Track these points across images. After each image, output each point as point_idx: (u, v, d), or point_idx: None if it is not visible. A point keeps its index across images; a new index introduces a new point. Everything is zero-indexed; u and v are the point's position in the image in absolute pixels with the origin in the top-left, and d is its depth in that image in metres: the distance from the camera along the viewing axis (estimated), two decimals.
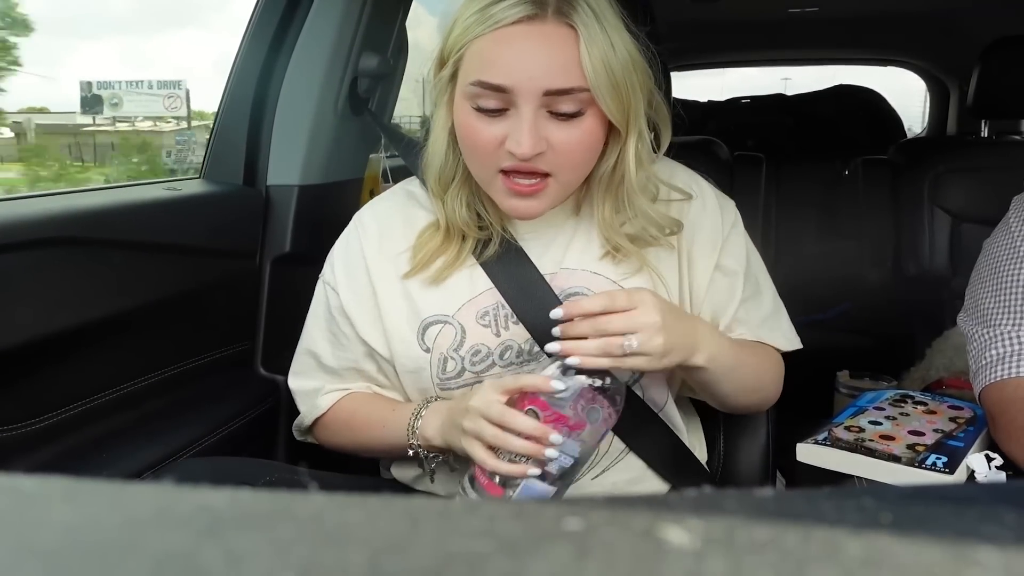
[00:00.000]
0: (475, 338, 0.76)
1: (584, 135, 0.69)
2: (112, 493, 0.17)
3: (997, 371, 0.80)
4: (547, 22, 0.66)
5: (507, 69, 0.65)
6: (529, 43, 0.66)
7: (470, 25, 0.67)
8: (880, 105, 2.65)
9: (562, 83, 0.66)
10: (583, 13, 0.66)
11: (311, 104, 1.14)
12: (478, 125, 0.68)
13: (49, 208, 0.83)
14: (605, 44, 0.66)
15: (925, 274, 1.66)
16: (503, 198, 0.71)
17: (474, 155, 0.70)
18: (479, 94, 0.67)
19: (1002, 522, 0.15)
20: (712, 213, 0.81)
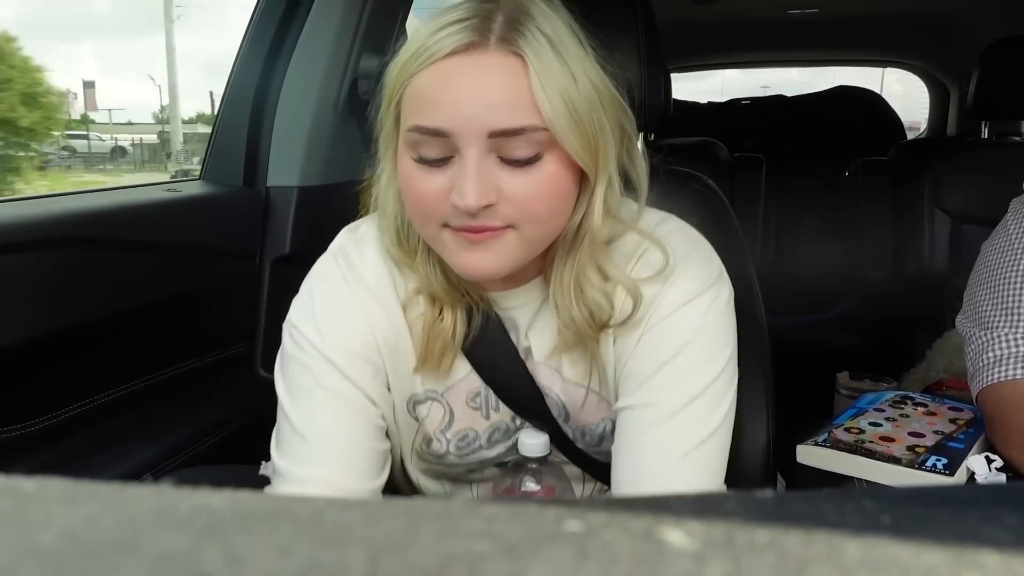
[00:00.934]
0: (464, 421, 0.70)
1: (544, 182, 0.57)
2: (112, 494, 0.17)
3: (994, 373, 0.81)
4: (489, 51, 0.55)
5: (444, 109, 0.55)
6: (468, 76, 0.55)
7: (406, 61, 0.57)
8: (880, 106, 2.65)
9: (509, 121, 0.55)
10: (533, 39, 0.55)
11: (311, 105, 1.14)
12: (419, 176, 0.58)
13: (50, 209, 0.83)
14: (562, 74, 0.55)
15: (925, 275, 1.66)
16: (453, 253, 0.59)
17: (416, 210, 0.60)
18: (418, 141, 0.57)
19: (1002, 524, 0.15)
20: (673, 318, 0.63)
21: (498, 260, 0.59)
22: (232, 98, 1.15)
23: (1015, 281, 0.82)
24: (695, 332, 0.63)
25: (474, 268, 0.59)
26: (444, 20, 0.57)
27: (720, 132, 2.18)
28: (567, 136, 0.56)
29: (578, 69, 0.57)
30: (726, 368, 0.65)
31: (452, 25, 0.56)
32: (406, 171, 0.59)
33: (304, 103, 1.14)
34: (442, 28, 0.56)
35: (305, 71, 1.14)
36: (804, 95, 2.74)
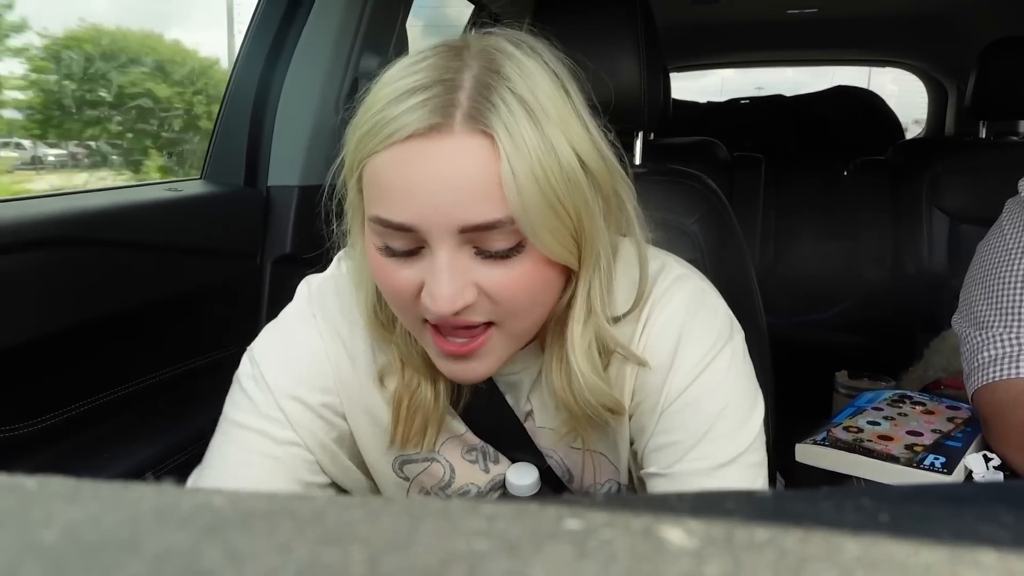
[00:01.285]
0: (464, 477, 0.65)
1: (526, 275, 0.50)
2: (113, 493, 0.17)
3: (989, 373, 0.81)
4: (454, 132, 0.46)
5: (407, 201, 0.47)
6: (431, 164, 0.47)
7: (364, 134, 0.49)
8: (879, 106, 2.65)
9: (481, 215, 0.47)
10: (505, 111, 0.47)
11: (312, 105, 1.14)
12: (388, 267, 0.51)
13: (50, 209, 0.83)
14: (540, 151, 0.47)
15: (924, 274, 1.67)
16: (436, 357, 0.55)
17: (392, 303, 0.54)
18: (383, 233, 0.50)
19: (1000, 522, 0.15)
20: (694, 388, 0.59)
21: (484, 366, 0.54)
22: (233, 97, 1.15)
23: (1010, 281, 0.82)
24: (724, 397, 0.58)
25: (460, 376, 0.55)
26: (404, 86, 0.48)
27: (719, 132, 2.18)
28: (541, 231, 0.48)
29: (560, 139, 0.48)
30: (759, 420, 0.61)
31: (413, 96, 0.47)
32: (374, 260, 0.52)
33: (305, 103, 1.14)
34: (402, 100, 0.47)
35: (306, 71, 1.14)
36: (803, 95, 2.74)
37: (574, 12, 1.00)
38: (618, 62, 0.97)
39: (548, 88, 0.49)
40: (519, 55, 0.50)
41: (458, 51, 0.50)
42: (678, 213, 0.95)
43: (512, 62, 0.49)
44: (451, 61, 0.49)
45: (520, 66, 0.49)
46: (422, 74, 0.48)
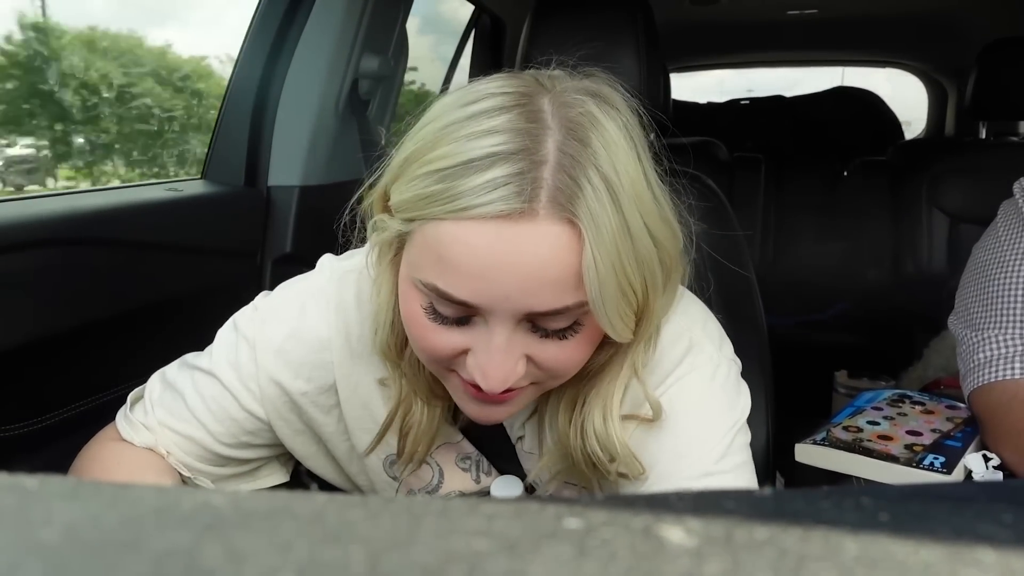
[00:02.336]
0: (454, 483, 0.65)
1: (579, 348, 0.50)
2: (113, 492, 0.17)
3: (984, 374, 0.81)
4: (539, 219, 0.43)
5: (475, 284, 0.45)
6: (510, 252, 0.44)
7: (428, 195, 0.45)
8: (878, 106, 2.65)
9: (552, 304, 0.46)
10: (591, 195, 0.44)
11: (312, 105, 1.14)
12: (430, 328, 0.48)
13: (50, 209, 0.83)
14: (620, 235, 0.45)
15: (923, 274, 1.67)
16: (462, 401, 0.53)
17: (422, 354, 0.52)
18: (433, 298, 0.47)
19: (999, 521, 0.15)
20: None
21: (511, 410, 0.53)
22: (233, 97, 1.15)
23: (1004, 283, 0.82)
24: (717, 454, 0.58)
25: (483, 419, 0.54)
26: (482, 150, 0.44)
27: (719, 132, 2.18)
28: (612, 316, 0.47)
29: (636, 219, 0.46)
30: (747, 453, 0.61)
31: (494, 168, 0.43)
32: (413, 315, 0.49)
33: (305, 102, 1.14)
34: (481, 169, 0.43)
35: (306, 71, 1.14)
36: (803, 95, 2.74)
37: (574, 12, 1.00)
38: (618, 62, 0.97)
39: (627, 160, 0.46)
40: (602, 119, 0.47)
41: (535, 105, 0.46)
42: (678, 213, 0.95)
43: (597, 131, 0.46)
44: (530, 122, 0.45)
45: (604, 135, 0.46)
46: (500, 137, 0.44)
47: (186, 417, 0.63)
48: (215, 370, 0.63)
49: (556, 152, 0.44)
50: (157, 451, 0.64)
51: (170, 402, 0.64)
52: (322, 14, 1.13)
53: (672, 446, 0.57)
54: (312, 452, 0.66)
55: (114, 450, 0.65)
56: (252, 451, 0.66)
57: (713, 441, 0.58)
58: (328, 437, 0.64)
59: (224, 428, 0.63)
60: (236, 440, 0.64)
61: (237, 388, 0.62)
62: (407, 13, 1.29)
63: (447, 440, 0.64)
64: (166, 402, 0.65)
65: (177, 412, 0.64)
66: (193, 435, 0.64)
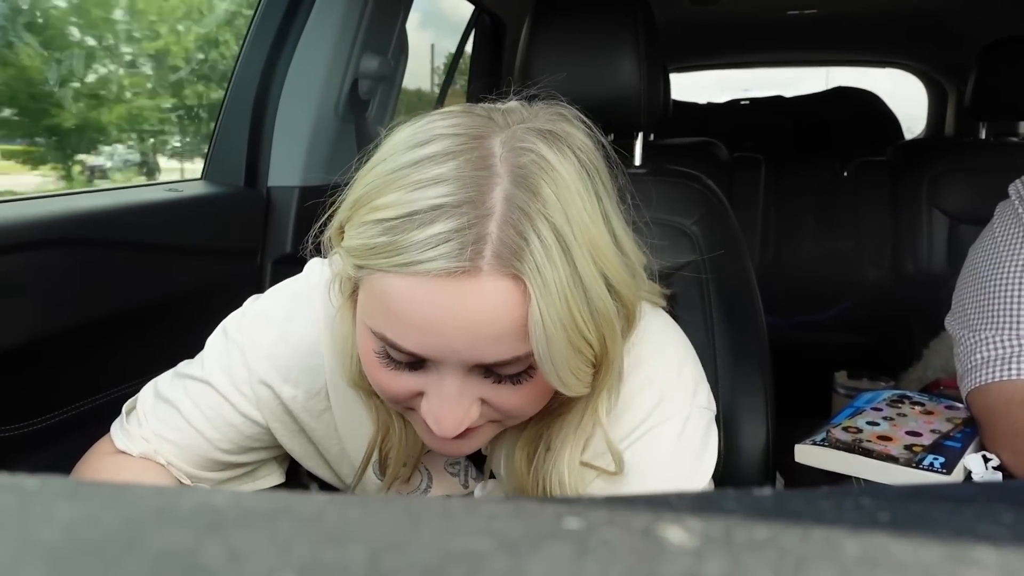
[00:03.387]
0: (442, 488, 0.65)
1: (533, 391, 0.49)
2: (113, 492, 0.17)
3: (982, 375, 0.81)
4: (482, 276, 0.43)
5: (422, 337, 0.45)
6: (454, 308, 0.43)
7: (373, 246, 0.44)
8: (878, 107, 2.65)
9: (501, 355, 0.45)
10: (539, 249, 0.42)
11: (312, 105, 1.14)
12: (384, 370, 0.48)
13: (50, 209, 0.83)
14: (570, 288, 0.43)
15: (923, 275, 1.67)
16: (424, 436, 0.53)
17: (382, 396, 0.52)
18: (385, 343, 0.47)
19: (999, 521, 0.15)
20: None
21: (472, 445, 0.53)
22: (233, 98, 1.15)
23: (1000, 284, 0.82)
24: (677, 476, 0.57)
25: (447, 452, 0.55)
26: (426, 201, 0.42)
27: (719, 132, 2.18)
28: (562, 371, 0.46)
29: (590, 270, 0.44)
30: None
31: (438, 222, 0.42)
32: (368, 356, 0.49)
33: (305, 103, 1.14)
34: (424, 223, 0.42)
35: (306, 71, 1.14)
36: (803, 96, 2.74)
37: (574, 12, 1.00)
38: (617, 62, 0.97)
39: (581, 208, 0.44)
40: (556, 163, 0.44)
41: (484, 149, 0.44)
42: (678, 214, 0.95)
43: (549, 177, 0.44)
44: (477, 169, 0.43)
45: (556, 182, 0.44)
46: (447, 187, 0.43)
47: (182, 427, 0.63)
48: (208, 377, 0.63)
49: (503, 203, 0.43)
50: (155, 460, 0.64)
51: (164, 413, 0.64)
52: (322, 14, 1.13)
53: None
54: (309, 453, 0.66)
55: (111, 463, 0.65)
56: (252, 454, 0.67)
57: None
58: (319, 440, 0.64)
59: (222, 435, 0.63)
60: (236, 445, 0.64)
61: (232, 394, 0.62)
62: (407, 13, 1.29)
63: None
64: (160, 413, 0.64)
65: (173, 423, 0.63)
66: (191, 444, 0.63)
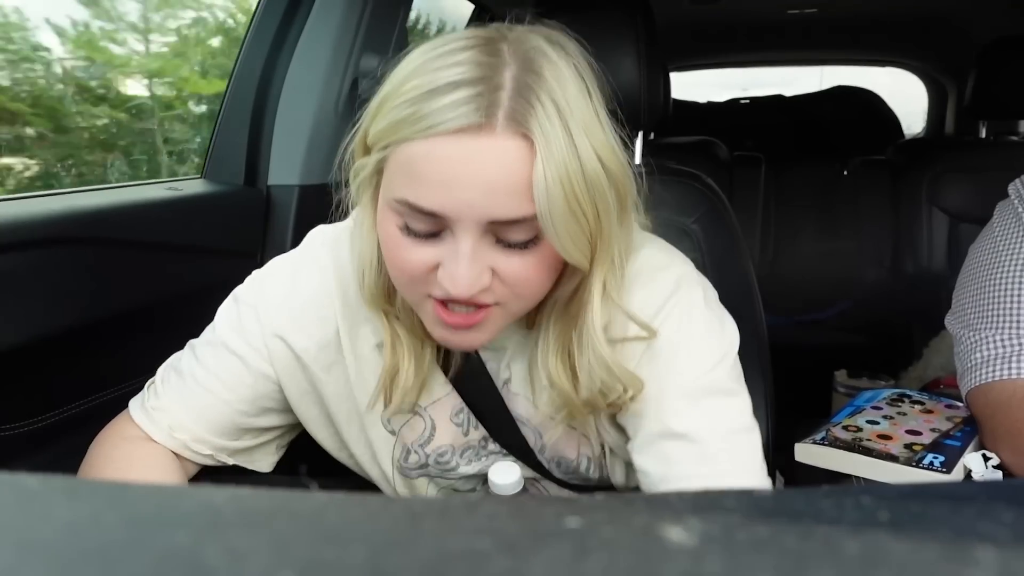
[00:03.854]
0: (444, 437, 0.68)
1: (539, 264, 0.54)
2: (114, 491, 0.17)
3: (982, 374, 0.81)
4: (496, 133, 0.49)
5: (441, 193, 0.50)
6: (471, 162, 0.49)
7: (399, 120, 0.50)
8: (878, 106, 2.65)
9: (511, 213, 0.50)
10: (543, 114, 0.49)
11: (312, 104, 1.14)
12: (404, 244, 0.53)
13: (50, 208, 0.83)
14: (568, 156, 0.50)
15: (923, 274, 1.67)
16: (434, 327, 0.57)
17: (400, 278, 0.56)
18: (406, 214, 0.52)
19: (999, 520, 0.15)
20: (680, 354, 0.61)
21: (481, 337, 0.57)
22: (233, 96, 1.15)
23: (1000, 283, 0.82)
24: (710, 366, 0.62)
25: (456, 344, 0.59)
26: (445, 78, 0.49)
27: (719, 131, 2.18)
28: (562, 235, 0.51)
29: (585, 144, 0.50)
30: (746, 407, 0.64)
31: (456, 91, 0.48)
32: (389, 235, 0.54)
33: (305, 102, 1.14)
34: (444, 92, 0.48)
35: (306, 70, 1.14)
36: (803, 95, 2.74)
37: (574, 11, 1.00)
38: (618, 62, 0.97)
39: (576, 92, 0.51)
40: (554, 56, 0.52)
41: (495, 45, 0.51)
42: (678, 213, 0.95)
43: (549, 64, 0.51)
44: (490, 56, 0.50)
45: (555, 69, 0.51)
46: (462, 68, 0.49)
47: (198, 393, 0.66)
48: (221, 339, 0.66)
49: (512, 80, 0.50)
50: (171, 444, 0.67)
51: (180, 382, 0.67)
52: (322, 13, 1.13)
53: (666, 365, 0.61)
54: (315, 415, 0.68)
55: (125, 449, 0.67)
56: (267, 417, 0.69)
57: (707, 357, 0.62)
58: (329, 398, 0.67)
59: (238, 395, 0.66)
60: (252, 406, 0.67)
61: (245, 351, 0.65)
62: (407, 12, 1.29)
63: (439, 395, 0.67)
64: (176, 383, 0.67)
65: (189, 390, 0.66)
66: (209, 408, 0.66)
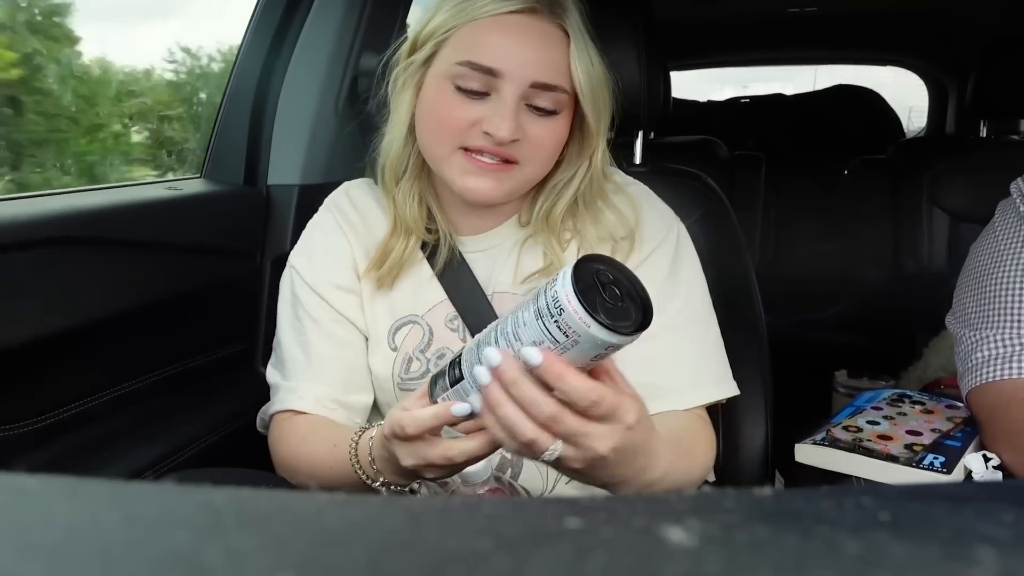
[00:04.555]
0: (442, 341, 0.76)
1: (556, 132, 0.70)
2: (113, 492, 0.17)
3: (983, 374, 0.81)
4: (542, 18, 0.67)
5: (501, 53, 0.66)
6: (525, 33, 0.67)
7: (461, 10, 0.67)
8: (879, 105, 2.65)
9: (550, 78, 0.67)
10: (574, 20, 0.68)
11: (312, 104, 1.14)
12: (455, 102, 0.67)
13: (49, 208, 0.83)
14: (588, 55, 0.69)
15: (924, 274, 1.66)
16: (459, 176, 0.69)
17: (441, 131, 0.69)
18: (464, 74, 0.66)
19: (999, 521, 0.15)
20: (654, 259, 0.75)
21: (498, 188, 0.69)
22: (233, 96, 1.15)
23: (1002, 282, 0.82)
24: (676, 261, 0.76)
25: (476, 192, 0.69)
26: None
27: (720, 131, 2.18)
28: (587, 101, 0.69)
29: (595, 55, 0.70)
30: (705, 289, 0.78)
31: None
32: (441, 98, 0.68)
33: (305, 101, 1.14)
34: None
35: (306, 69, 1.14)
36: (803, 94, 2.74)
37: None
38: (618, 61, 0.97)
39: (590, 32, 0.70)
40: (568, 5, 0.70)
41: None
42: (678, 212, 0.95)
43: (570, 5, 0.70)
44: None
45: (578, 6, 0.70)
46: None
47: (303, 361, 0.76)
48: (291, 309, 0.79)
49: None
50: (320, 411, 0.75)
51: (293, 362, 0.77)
52: (322, 12, 1.13)
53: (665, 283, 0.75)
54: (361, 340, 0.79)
55: (288, 428, 0.75)
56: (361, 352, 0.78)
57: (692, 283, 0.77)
58: (356, 319, 0.78)
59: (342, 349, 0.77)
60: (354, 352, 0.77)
61: (317, 312, 0.77)
62: (407, 10, 1.29)
63: (433, 302, 0.76)
64: (287, 369, 0.78)
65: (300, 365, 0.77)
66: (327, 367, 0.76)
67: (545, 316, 0.48)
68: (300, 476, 0.73)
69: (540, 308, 0.49)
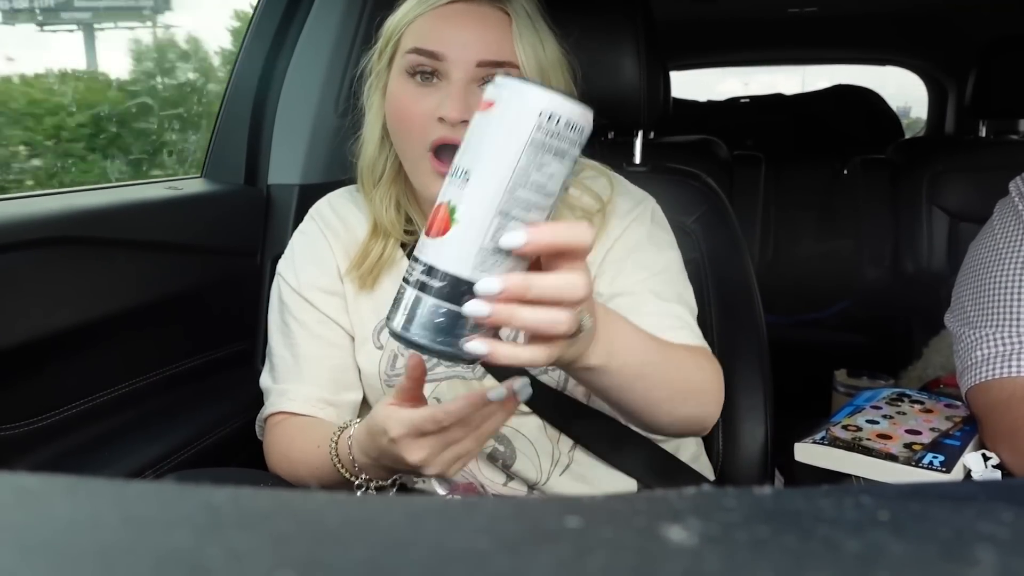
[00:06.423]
0: None
1: None
2: (113, 491, 0.17)
3: (982, 372, 0.81)
4: (483, 4, 0.70)
5: (442, 38, 0.69)
6: (465, 18, 0.70)
7: (410, 8, 0.72)
8: (879, 105, 2.65)
9: (494, 55, 0.69)
10: (516, 4, 0.71)
11: (312, 103, 1.14)
12: (410, 93, 0.70)
13: (50, 207, 0.83)
14: (536, 36, 0.71)
15: (923, 273, 1.66)
16: (430, 181, 0.70)
17: (404, 129, 0.71)
18: (413, 61, 0.69)
19: (999, 520, 0.15)
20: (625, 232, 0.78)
21: None
22: (233, 96, 1.15)
23: (1000, 281, 0.82)
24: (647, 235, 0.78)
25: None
26: None
27: (719, 130, 2.18)
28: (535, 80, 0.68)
29: (546, 37, 0.72)
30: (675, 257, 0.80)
31: None
32: (397, 93, 0.71)
33: (305, 101, 1.14)
34: None
35: (306, 69, 1.14)
36: (803, 94, 2.74)
37: (574, 11, 1.00)
38: (617, 61, 0.97)
39: (541, 18, 0.72)
40: None
41: None
42: (678, 212, 0.95)
43: None
44: None
45: None
46: None
47: (291, 361, 0.79)
48: (279, 315, 0.81)
49: None
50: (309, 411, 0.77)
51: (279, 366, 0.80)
52: (322, 12, 1.13)
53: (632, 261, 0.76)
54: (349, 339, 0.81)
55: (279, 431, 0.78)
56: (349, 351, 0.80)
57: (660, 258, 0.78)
58: (341, 320, 0.80)
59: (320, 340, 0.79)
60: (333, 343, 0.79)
61: (304, 317, 0.80)
62: None
63: None
64: (279, 373, 0.80)
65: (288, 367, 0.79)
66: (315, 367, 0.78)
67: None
68: (291, 479, 0.75)
69: None
